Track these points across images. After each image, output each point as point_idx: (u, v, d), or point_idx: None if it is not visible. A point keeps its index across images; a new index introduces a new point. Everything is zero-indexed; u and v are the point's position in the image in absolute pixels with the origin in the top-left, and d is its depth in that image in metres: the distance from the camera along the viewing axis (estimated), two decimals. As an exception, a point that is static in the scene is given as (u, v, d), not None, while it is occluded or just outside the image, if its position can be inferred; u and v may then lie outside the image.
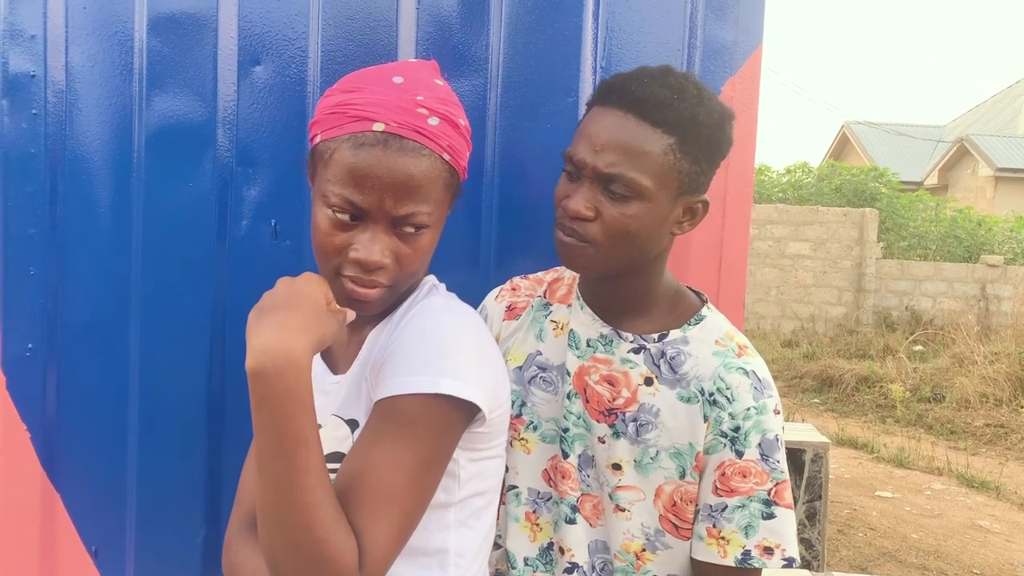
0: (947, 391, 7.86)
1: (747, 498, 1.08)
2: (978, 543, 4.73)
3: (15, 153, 1.55)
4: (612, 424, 1.15)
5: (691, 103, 1.06)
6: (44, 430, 1.57)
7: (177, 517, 1.54)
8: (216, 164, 1.51)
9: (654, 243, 1.10)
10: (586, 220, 1.07)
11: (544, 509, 1.22)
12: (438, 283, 1.10)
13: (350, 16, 1.48)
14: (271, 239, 1.51)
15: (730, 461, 1.09)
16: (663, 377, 1.13)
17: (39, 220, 1.55)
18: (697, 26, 1.47)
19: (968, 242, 12.54)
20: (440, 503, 0.95)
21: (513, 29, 1.47)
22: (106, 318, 1.54)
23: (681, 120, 1.05)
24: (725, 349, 1.13)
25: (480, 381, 0.93)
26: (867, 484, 5.72)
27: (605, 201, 1.06)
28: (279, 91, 1.49)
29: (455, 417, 0.92)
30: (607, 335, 1.17)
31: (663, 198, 1.07)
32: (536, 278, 1.33)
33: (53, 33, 1.53)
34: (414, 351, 0.92)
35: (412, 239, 0.96)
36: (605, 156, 1.05)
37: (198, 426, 1.53)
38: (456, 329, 0.97)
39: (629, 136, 1.04)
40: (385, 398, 0.90)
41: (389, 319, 1.04)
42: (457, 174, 1.00)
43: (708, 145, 1.08)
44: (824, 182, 13.93)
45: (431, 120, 0.95)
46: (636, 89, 1.05)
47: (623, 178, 1.04)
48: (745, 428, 1.09)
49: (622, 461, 1.14)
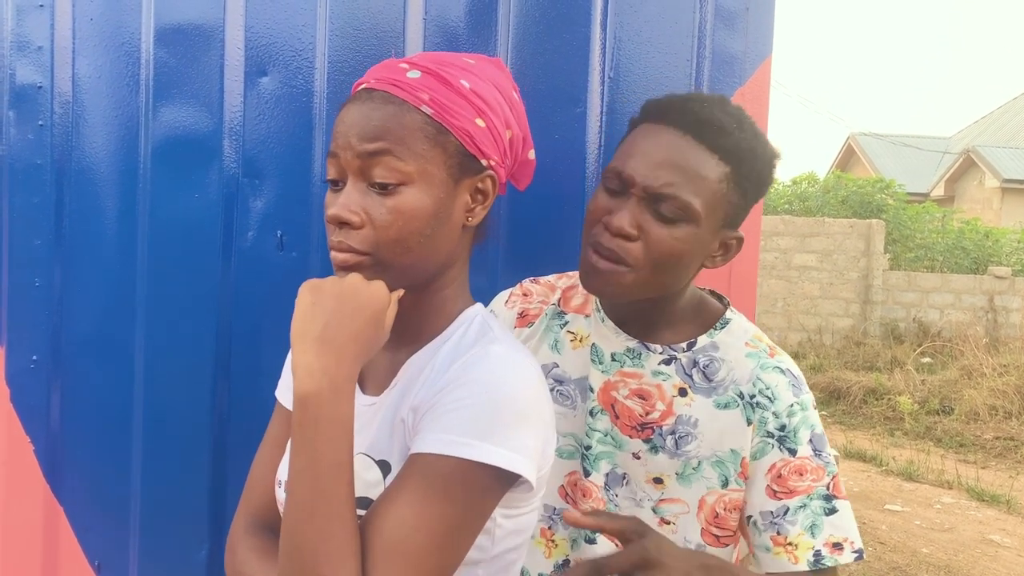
0: (956, 403, 7.80)
1: (807, 496, 1.05)
2: (989, 558, 4.68)
3: (21, 164, 1.54)
4: (648, 439, 1.12)
5: (749, 135, 1.03)
6: (48, 443, 1.56)
7: (180, 531, 1.53)
8: (222, 175, 1.50)
9: (688, 273, 1.08)
10: (628, 239, 1.02)
11: (560, 526, 1.20)
12: (489, 316, 0.98)
13: (356, 27, 1.47)
14: (277, 250, 1.50)
15: (783, 461, 1.06)
16: (697, 386, 1.11)
17: (45, 231, 1.55)
18: (706, 36, 1.46)
19: (975, 253, 12.48)
20: (471, 560, 0.89)
21: (520, 39, 1.47)
22: (111, 330, 1.54)
23: (740, 150, 1.02)
24: (757, 350, 1.12)
25: (531, 449, 0.86)
26: (876, 497, 5.67)
27: (652, 221, 1.01)
28: (286, 102, 1.49)
29: (496, 486, 0.85)
30: (634, 348, 1.14)
31: (708, 227, 1.03)
32: (548, 283, 1.29)
33: (60, 44, 1.53)
34: (465, 409, 0.84)
35: (388, 197, 0.86)
36: (660, 175, 1.00)
37: (202, 439, 1.52)
38: (514, 389, 0.86)
39: (687, 158, 1.00)
40: (425, 453, 0.83)
41: (433, 348, 0.95)
42: (449, 133, 0.88)
43: (759, 180, 1.06)
44: (830, 193, 13.90)
45: (411, 73, 0.89)
46: (698, 111, 1.02)
47: (677, 199, 1.00)
48: (792, 425, 1.07)
49: (663, 475, 1.12)
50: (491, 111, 0.92)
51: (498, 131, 0.93)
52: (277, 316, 1.50)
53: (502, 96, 0.94)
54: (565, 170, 1.48)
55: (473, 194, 0.93)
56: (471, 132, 0.90)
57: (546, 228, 1.49)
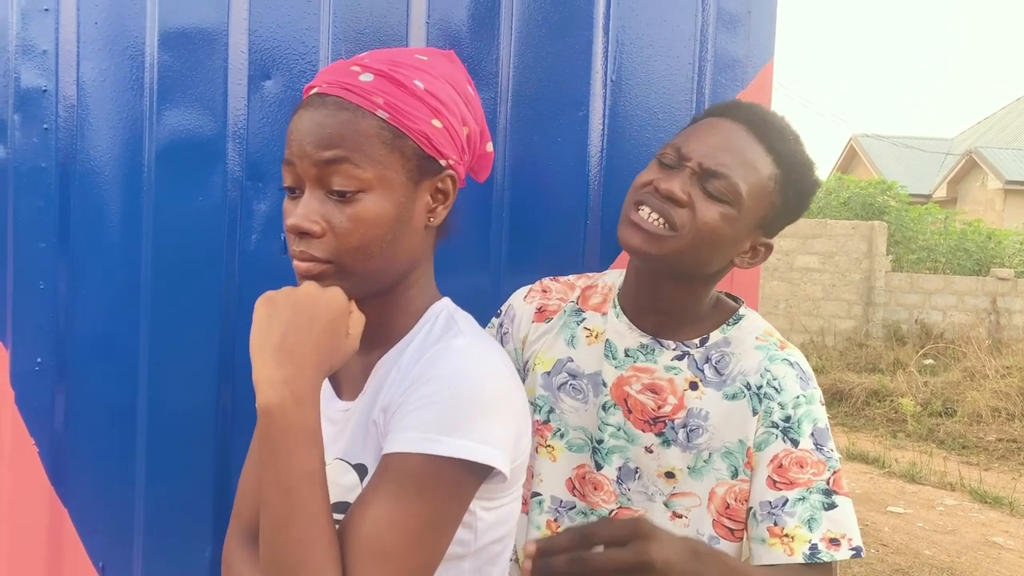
0: (958, 405, 7.79)
1: (806, 489, 1.05)
2: (992, 560, 4.67)
3: (26, 167, 1.55)
4: (660, 432, 1.14)
5: (802, 152, 1.10)
6: (52, 445, 1.57)
7: (184, 533, 1.53)
8: (226, 178, 1.51)
9: (720, 259, 1.10)
10: (678, 204, 1.05)
11: (566, 518, 1.20)
12: (456, 310, 0.99)
13: (359, 31, 1.48)
14: (281, 253, 1.50)
15: (785, 451, 1.07)
16: (708, 380, 1.13)
17: (49, 234, 1.55)
18: (708, 40, 1.47)
19: (978, 255, 12.47)
20: (456, 555, 0.90)
21: (523, 43, 1.47)
22: (115, 333, 1.54)
23: (791, 157, 1.08)
24: (767, 343, 1.14)
25: (502, 440, 0.86)
26: (879, 499, 5.66)
27: (700, 194, 1.06)
28: (289, 105, 1.49)
29: (469, 479, 0.85)
30: (648, 344, 1.16)
31: (748, 218, 1.08)
32: (567, 282, 1.30)
33: (65, 48, 1.54)
34: (431, 405, 0.84)
35: (347, 205, 0.86)
36: (717, 155, 1.06)
37: (206, 442, 1.53)
38: (479, 381, 0.86)
39: (745, 147, 1.07)
40: (395, 453, 0.83)
41: (400, 348, 0.95)
42: (405, 136, 0.88)
43: (802, 193, 1.11)
44: (832, 195, 13.89)
45: (363, 76, 0.88)
46: (761, 113, 1.10)
47: (727, 179, 1.05)
48: (797, 416, 1.08)
49: (675, 469, 1.13)
50: (447, 110, 0.91)
51: (455, 129, 0.92)
52: (280, 318, 1.50)
53: (457, 93, 0.93)
54: (567, 173, 1.49)
55: (434, 194, 0.93)
56: (428, 134, 0.89)
57: (549, 230, 1.50)
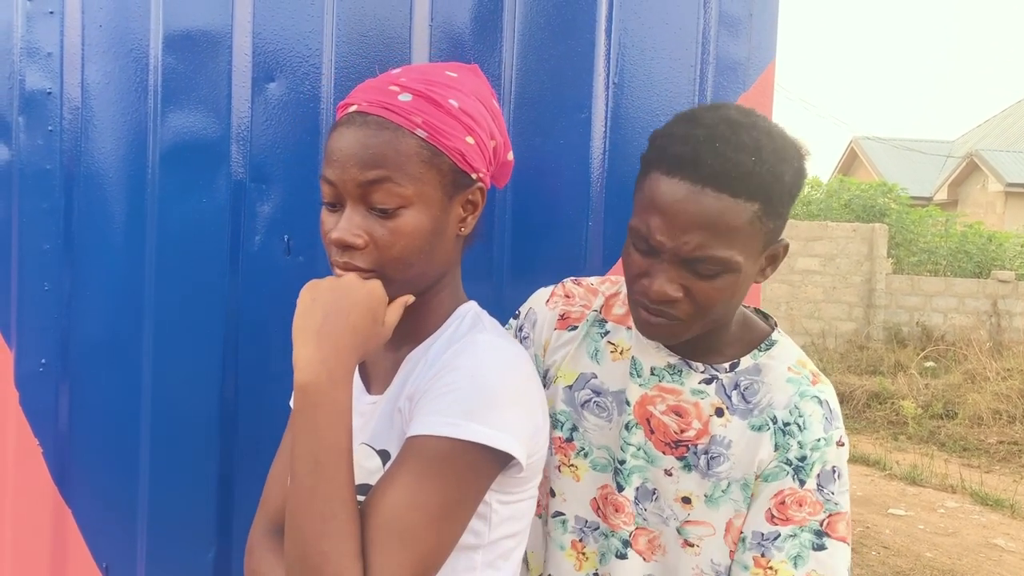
0: (959, 408, 7.79)
1: (799, 527, 1.04)
2: (993, 562, 4.67)
3: (31, 169, 1.56)
4: (682, 456, 1.10)
5: (771, 161, 0.96)
6: (56, 445, 1.57)
7: (188, 533, 1.54)
8: (230, 180, 1.51)
9: (739, 302, 1.06)
10: (675, 302, 1.00)
11: (591, 539, 1.17)
12: (482, 312, 1.04)
13: (363, 33, 1.49)
14: (284, 255, 1.51)
15: (791, 490, 1.05)
16: (734, 408, 1.08)
17: (54, 236, 1.56)
18: (710, 42, 1.47)
19: (979, 257, 12.47)
20: (469, 545, 0.92)
21: (526, 46, 1.48)
22: (119, 334, 1.55)
23: (765, 184, 0.95)
24: (799, 376, 1.09)
25: (520, 430, 0.90)
26: (880, 502, 5.66)
27: (692, 278, 0.98)
28: (293, 108, 1.50)
29: (488, 465, 0.89)
30: (676, 365, 1.11)
31: (751, 261, 1.00)
32: (590, 287, 1.25)
33: (69, 51, 1.55)
34: (454, 392, 0.88)
35: (388, 220, 0.91)
36: (688, 239, 0.95)
37: (210, 442, 1.53)
38: (500, 373, 0.91)
39: (712, 214, 0.94)
40: (418, 436, 0.87)
41: (428, 344, 1.00)
42: (442, 154, 0.93)
43: (791, 196, 1.01)
44: (833, 197, 13.90)
45: (402, 96, 0.93)
46: (712, 161, 0.94)
47: (712, 259, 0.96)
48: (812, 459, 1.05)
49: (692, 495, 1.10)
50: (478, 127, 0.96)
51: (485, 144, 0.98)
52: (284, 320, 1.50)
53: (485, 108, 0.99)
54: (570, 176, 1.49)
55: (464, 206, 0.99)
56: (462, 151, 0.95)
57: (551, 234, 1.50)
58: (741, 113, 1.00)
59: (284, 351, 1.50)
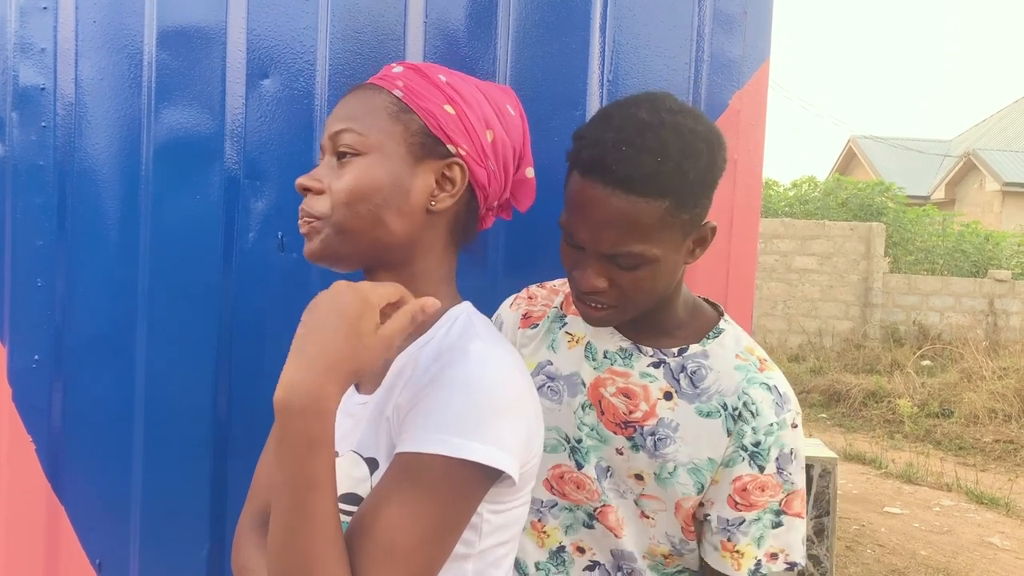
0: (955, 406, 7.80)
1: (762, 511, 1.10)
2: (988, 560, 4.68)
3: (24, 165, 1.55)
4: (630, 437, 1.14)
5: (675, 159, 0.99)
6: (49, 442, 1.57)
7: (181, 531, 1.54)
8: (224, 177, 1.51)
9: (670, 283, 1.10)
10: (602, 292, 1.06)
11: (549, 516, 1.22)
12: (474, 313, 1.00)
13: (358, 30, 1.48)
14: (278, 251, 1.51)
15: (751, 476, 1.09)
16: (682, 392, 1.13)
17: (47, 232, 1.56)
18: (704, 39, 1.47)
19: (975, 257, 12.49)
20: (459, 555, 0.91)
21: (520, 43, 1.48)
22: (113, 330, 1.54)
23: (671, 183, 0.99)
24: (747, 363, 1.13)
25: (512, 444, 0.88)
26: (875, 500, 5.67)
27: (615, 270, 1.04)
28: (287, 104, 1.50)
29: (480, 482, 0.86)
30: (627, 348, 1.17)
31: (671, 250, 1.04)
32: (552, 287, 1.32)
33: (63, 47, 1.54)
34: (446, 407, 0.85)
35: (344, 167, 0.93)
36: (604, 236, 1.02)
37: (203, 439, 1.53)
38: (492, 385, 0.88)
39: (621, 214, 1.00)
40: (408, 452, 0.85)
41: (419, 345, 0.97)
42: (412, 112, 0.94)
43: (703, 188, 1.03)
44: (830, 196, 13.91)
45: (395, 68, 0.98)
46: (617, 167, 0.99)
47: (628, 254, 1.02)
48: (767, 444, 1.09)
49: (643, 472, 1.14)
50: (464, 103, 0.96)
51: (470, 124, 0.96)
52: (278, 317, 1.51)
53: (487, 100, 0.98)
54: (564, 174, 1.49)
55: (440, 180, 0.96)
56: (436, 114, 0.94)
57: (545, 231, 1.50)
58: (652, 112, 1.02)
59: (278, 348, 1.51)
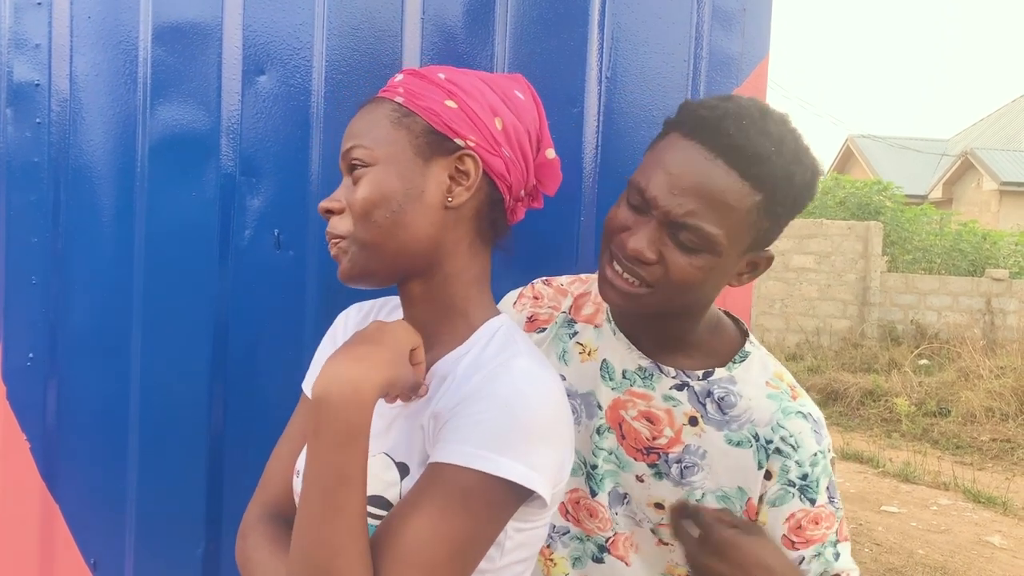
0: (953, 405, 7.81)
1: (821, 545, 1.05)
2: (985, 559, 4.68)
3: (18, 162, 1.54)
4: (653, 464, 1.08)
5: (788, 159, 0.94)
6: (44, 440, 1.56)
7: (177, 529, 1.53)
8: (219, 174, 1.50)
9: (709, 294, 1.03)
10: (647, 263, 0.97)
11: (559, 544, 1.16)
12: (515, 328, 0.98)
13: (354, 26, 1.47)
14: (274, 249, 1.50)
15: (803, 512, 1.04)
16: (709, 417, 1.06)
17: (41, 229, 1.55)
18: (703, 37, 1.46)
19: (973, 256, 12.50)
20: (480, 570, 0.89)
21: (518, 39, 1.47)
22: (108, 328, 1.53)
23: (775, 178, 0.93)
24: (778, 391, 1.06)
25: (548, 467, 0.87)
26: (873, 499, 5.67)
27: (672, 246, 0.96)
28: (283, 101, 1.49)
29: (512, 500, 0.86)
30: (647, 368, 1.08)
31: (733, 253, 0.97)
32: (560, 287, 1.24)
33: (58, 42, 1.53)
34: (485, 422, 0.84)
35: (357, 182, 0.94)
36: (683, 201, 0.93)
37: (199, 437, 1.52)
38: (535, 406, 0.87)
39: (715, 184, 0.92)
40: (445, 464, 0.84)
41: (457, 356, 0.95)
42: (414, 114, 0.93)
43: (793, 204, 0.98)
44: (828, 195, 13.91)
45: (397, 77, 0.99)
46: (735, 133, 0.92)
47: (699, 230, 0.93)
48: (815, 475, 1.04)
49: (665, 502, 1.09)
50: (465, 94, 0.95)
51: (475, 114, 0.94)
52: (274, 315, 1.50)
53: (492, 90, 0.96)
54: (562, 170, 1.48)
55: (454, 175, 0.95)
56: (437, 111, 0.94)
57: (543, 228, 1.49)
58: (776, 112, 0.99)
59: (274, 345, 1.50)
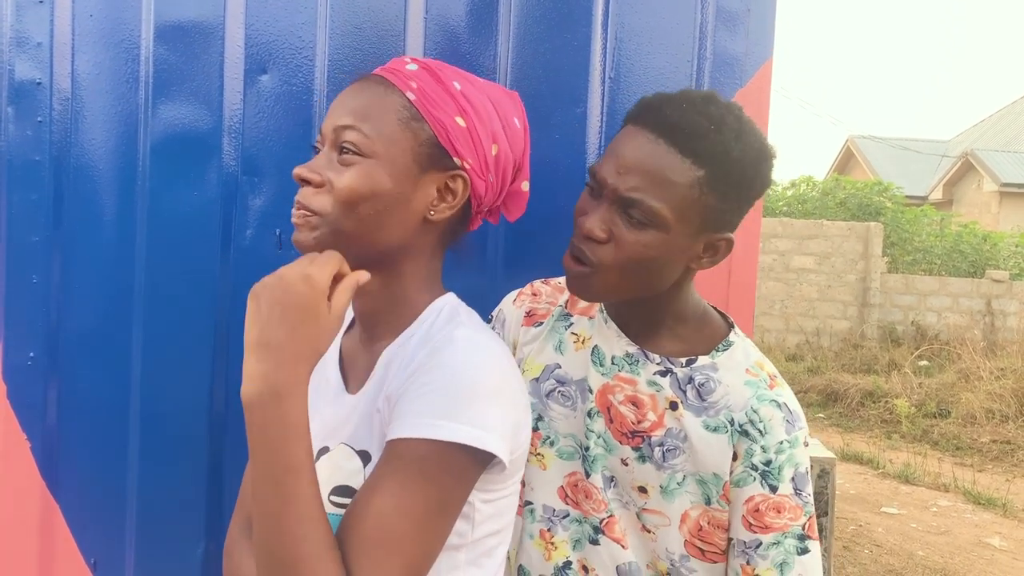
0: (953, 407, 7.80)
1: (782, 534, 1.06)
2: (985, 561, 4.68)
3: (20, 160, 1.54)
4: (637, 447, 1.11)
5: (728, 136, 0.99)
6: (44, 440, 1.56)
7: (177, 529, 1.52)
8: (221, 173, 1.50)
9: (666, 275, 1.06)
10: (598, 242, 1.02)
11: (559, 527, 1.18)
12: (459, 304, 1.01)
13: (357, 25, 1.47)
14: (276, 249, 1.50)
15: (763, 496, 1.06)
16: (688, 403, 1.09)
17: (42, 228, 1.54)
18: (707, 37, 1.46)
19: (973, 257, 12.51)
20: (452, 545, 0.90)
21: (521, 39, 1.47)
22: (108, 327, 1.53)
23: (714, 153, 0.99)
24: (756, 379, 1.09)
25: (502, 428, 0.88)
26: (873, 500, 5.67)
27: (622, 225, 1.01)
28: (285, 100, 1.48)
29: (471, 465, 0.86)
30: (633, 354, 1.13)
31: (682, 231, 1.01)
32: (557, 285, 1.29)
33: (59, 41, 1.53)
34: (434, 392, 0.86)
35: (349, 166, 0.90)
36: (628, 179, 1.00)
37: (199, 438, 1.52)
38: (481, 370, 0.88)
39: (656, 162, 0.99)
40: (398, 439, 0.85)
41: (404, 339, 0.96)
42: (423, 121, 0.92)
43: (740, 183, 1.02)
44: (829, 196, 13.92)
45: (410, 66, 0.95)
46: (671, 113, 1.00)
47: (642, 204, 0.99)
48: (778, 462, 1.06)
49: (647, 485, 1.11)
50: (476, 116, 0.94)
51: (479, 137, 0.95)
52: (275, 314, 1.49)
53: (497, 114, 0.97)
54: (565, 170, 1.48)
55: (442, 191, 0.95)
56: (447, 126, 0.93)
57: (546, 229, 1.49)
58: (727, 102, 1.04)
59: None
